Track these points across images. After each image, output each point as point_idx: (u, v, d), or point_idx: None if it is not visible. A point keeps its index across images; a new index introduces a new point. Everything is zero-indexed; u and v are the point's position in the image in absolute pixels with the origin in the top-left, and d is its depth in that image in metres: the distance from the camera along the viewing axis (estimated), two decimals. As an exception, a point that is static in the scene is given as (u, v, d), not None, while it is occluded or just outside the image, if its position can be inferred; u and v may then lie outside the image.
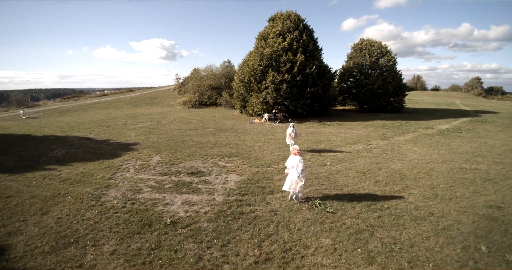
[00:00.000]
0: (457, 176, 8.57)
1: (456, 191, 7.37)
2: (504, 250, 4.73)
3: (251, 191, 7.26)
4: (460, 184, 7.85)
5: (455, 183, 7.98)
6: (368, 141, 13.68)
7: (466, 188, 7.54)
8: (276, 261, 4.44)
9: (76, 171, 8.89)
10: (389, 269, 4.26)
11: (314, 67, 20.40)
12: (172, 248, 4.74)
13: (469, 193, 7.23)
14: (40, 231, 5.30)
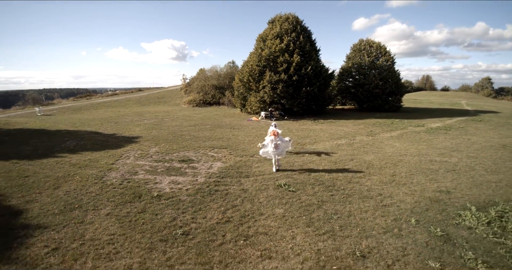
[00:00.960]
0: (423, 166, 9.40)
1: (414, 178, 8.24)
2: (432, 224, 5.60)
3: (229, 175, 8.42)
4: (422, 173, 8.70)
5: (417, 172, 8.84)
6: (353, 137, 14.57)
7: (425, 176, 8.39)
8: (234, 222, 5.58)
9: (84, 158, 10.29)
10: (322, 230, 5.31)
11: (310, 67, 21.36)
12: (154, 212, 5.96)
13: (426, 180, 8.09)
14: (52, 200, 6.63)
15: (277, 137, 8.68)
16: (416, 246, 4.78)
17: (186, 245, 4.76)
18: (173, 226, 5.39)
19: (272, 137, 8.65)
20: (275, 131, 8.80)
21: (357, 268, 4.21)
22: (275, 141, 8.55)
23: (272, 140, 8.59)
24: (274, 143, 8.53)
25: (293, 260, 4.40)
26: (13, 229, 5.30)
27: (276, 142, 8.56)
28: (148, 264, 4.25)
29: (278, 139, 8.65)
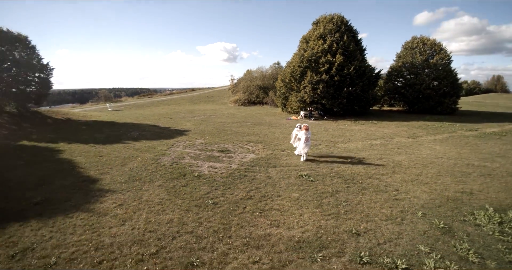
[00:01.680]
0: (456, 169, 9.21)
1: (440, 179, 8.26)
2: (438, 217, 5.92)
3: (259, 164, 9.58)
4: (451, 175, 8.62)
5: (446, 173, 8.77)
6: (391, 138, 14.40)
7: (453, 178, 8.33)
8: (254, 200, 6.72)
9: (144, 145, 12.58)
10: (328, 212, 6.10)
11: (353, 67, 21.24)
12: (193, 187, 7.45)
13: (453, 182, 8.06)
14: (119, 173, 8.66)
15: (308, 131, 9.74)
16: (413, 233, 5.26)
17: (214, 211, 6.07)
18: (206, 197, 6.78)
19: (304, 131, 9.76)
20: (306, 125, 9.89)
21: (349, 241, 4.96)
22: (306, 134, 9.64)
23: (305, 133, 9.72)
24: (306, 137, 9.64)
25: (296, 230, 5.34)
26: (91, 191, 7.32)
27: (307, 136, 9.65)
28: (185, 220, 5.67)
29: (308, 133, 9.74)
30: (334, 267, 4.26)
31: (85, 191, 7.26)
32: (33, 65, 18.26)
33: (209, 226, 5.45)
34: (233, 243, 4.88)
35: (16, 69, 17.56)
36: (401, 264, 4.24)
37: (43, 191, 7.26)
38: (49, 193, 7.15)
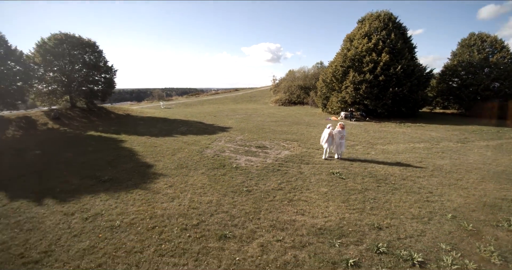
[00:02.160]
0: (502, 176, 8.53)
1: (482, 185, 7.82)
2: (468, 220, 5.76)
3: (292, 161, 10.11)
4: (495, 182, 8.07)
5: (490, 180, 8.22)
6: (437, 142, 13.61)
7: (497, 185, 7.82)
8: (284, 191, 7.31)
9: (191, 139, 14.02)
10: (353, 206, 6.40)
11: (400, 66, 20.26)
12: (231, 176, 8.34)
13: (495, 188, 7.58)
14: (170, 161, 9.99)
15: (343, 129, 10.02)
16: (437, 232, 5.32)
17: (247, 197, 6.84)
18: (241, 185, 7.59)
19: (339, 129, 10.09)
20: (342, 124, 10.19)
21: (369, 234, 5.26)
22: (342, 133, 9.94)
23: (340, 131, 10.00)
24: (341, 135, 9.94)
25: (319, 219, 5.80)
26: (147, 174, 8.68)
27: (343, 134, 9.96)
28: (221, 202, 6.54)
29: (343, 132, 10.08)
30: (350, 253, 4.65)
31: (142, 174, 8.67)
32: (100, 67, 21.42)
33: (241, 208, 6.23)
34: (261, 224, 5.57)
35: (86, 70, 20.82)
36: (417, 257, 4.45)
37: (109, 172, 8.88)
38: (114, 173, 8.73)
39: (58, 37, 19.22)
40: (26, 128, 15.86)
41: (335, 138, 10.26)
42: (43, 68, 18.98)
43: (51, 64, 19.09)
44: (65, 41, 19.33)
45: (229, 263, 4.35)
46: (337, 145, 10.29)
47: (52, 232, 5.33)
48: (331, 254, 4.61)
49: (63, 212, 6.11)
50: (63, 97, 20.98)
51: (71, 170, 9.10)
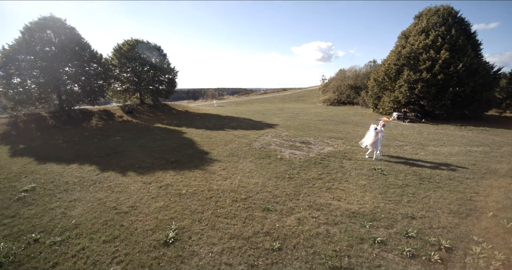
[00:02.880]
0: None
1: None
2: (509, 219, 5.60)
3: (335, 156, 10.58)
4: None
5: None
6: (499, 147, 12.46)
7: None
8: (323, 180, 7.94)
9: (240, 133, 15.38)
10: (390, 198, 6.73)
11: (461, 64, 18.63)
12: (276, 165, 9.28)
13: None
14: (223, 150, 11.38)
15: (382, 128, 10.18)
16: (473, 227, 5.43)
17: (288, 182, 7.70)
18: (284, 173, 8.47)
19: (382, 128, 10.19)
20: (384, 122, 10.29)
21: (402, 221, 5.64)
22: (383, 132, 10.10)
23: (382, 130, 10.14)
24: (381, 134, 10.07)
25: (354, 205, 6.35)
26: (204, 158, 10.15)
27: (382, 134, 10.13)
28: (266, 184, 7.53)
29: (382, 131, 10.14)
30: (379, 234, 5.16)
31: (200, 158, 10.19)
32: (164, 69, 24.42)
33: (283, 190, 7.12)
34: (299, 203, 6.39)
35: (153, 72, 23.97)
36: (444, 243, 4.76)
37: (175, 155, 10.62)
38: (179, 156, 10.43)
39: (130, 43, 22.68)
40: (106, 119, 19.25)
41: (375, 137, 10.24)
42: (118, 69, 22.61)
43: (125, 65, 22.65)
44: (136, 46, 22.68)
45: (270, 227, 5.30)
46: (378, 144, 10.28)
47: (135, 194, 6.99)
48: (360, 232, 5.20)
49: (142, 181, 7.83)
50: (134, 94, 24.58)
51: (145, 153, 11.14)
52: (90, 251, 4.66)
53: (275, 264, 4.29)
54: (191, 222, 5.54)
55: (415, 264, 4.29)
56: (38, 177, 8.26)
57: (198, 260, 4.40)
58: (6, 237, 5.03)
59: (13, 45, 15.46)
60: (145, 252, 4.60)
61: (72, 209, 6.20)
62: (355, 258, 4.41)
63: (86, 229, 5.35)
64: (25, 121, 16.12)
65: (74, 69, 17.98)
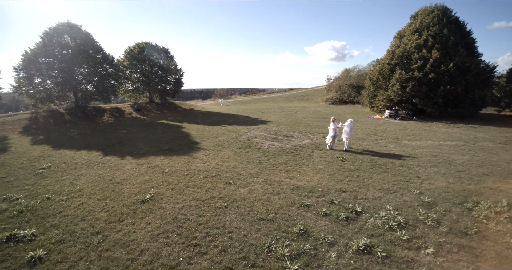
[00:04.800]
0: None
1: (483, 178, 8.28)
2: (432, 197, 6.68)
3: (309, 147, 11.82)
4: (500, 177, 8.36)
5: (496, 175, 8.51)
6: (474, 142, 13.23)
7: (499, 178, 8.18)
8: (287, 165, 9.26)
9: (233, 127, 16.87)
10: (335, 178, 7.97)
11: (452, 63, 19.21)
12: (252, 153, 10.68)
13: (494, 181, 8.01)
14: (211, 141, 12.89)
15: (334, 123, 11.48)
16: (393, 200, 6.60)
17: (256, 165, 9.09)
18: (256, 159, 9.87)
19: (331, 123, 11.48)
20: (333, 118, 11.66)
21: (334, 193, 6.88)
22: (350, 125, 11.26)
23: (348, 125, 11.27)
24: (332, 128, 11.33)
25: (301, 182, 7.64)
26: (193, 148, 11.70)
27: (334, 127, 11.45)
28: (236, 166, 8.97)
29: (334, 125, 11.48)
30: (309, 201, 6.44)
31: (190, 147, 11.77)
32: (171, 70, 26.35)
33: (248, 171, 8.53)
34: (257, 180, 7.78)
35: (160, 72, 25.95)
36: (356, 208, 5.99)
37: (169, 145, 12.25)
38: (172, 146, 12.05)
39: (140, 46, 24.78)
40: (117, 116, 21.32)
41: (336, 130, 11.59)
42: (129, 70, 24.76)
43: (135, 67, 24.75)
44: (145, 48, 24.73)
45: (225, 194, 6.75)
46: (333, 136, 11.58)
47: (128, 172, 8.63)
48: (294, 199, 6.53)
49: (136, 163, 9.49)
50: (144, 93, 26.69)
51: (144, 143, 12.86)
52: (87, 205, 6.29)
53: (217, 215, 5.72)
54: (166, 190, 7.07)
55: (324, 220, 5.57)
56: (53, 159, 10.13)
57: (162, 211, 5.91)
58: (27, 196, 6.78)
59: (34, 49, 17.80)
60: (126, 206, 6.17)
61: (78, 180, 7.91)
62: (280, 215, 5.76)
63: (86, 192, 7.01)
64: (44, 117, 18.42)
65: (88, 70, 20.17)
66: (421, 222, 5.51)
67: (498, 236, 5.06)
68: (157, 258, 4.37)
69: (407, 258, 4.36)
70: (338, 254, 4.43)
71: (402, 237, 4.91)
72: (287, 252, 4.46)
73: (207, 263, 4.24)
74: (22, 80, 17.71)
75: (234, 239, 4.87)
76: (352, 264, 4.19)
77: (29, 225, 5.44)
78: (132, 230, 5.19)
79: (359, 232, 5.09)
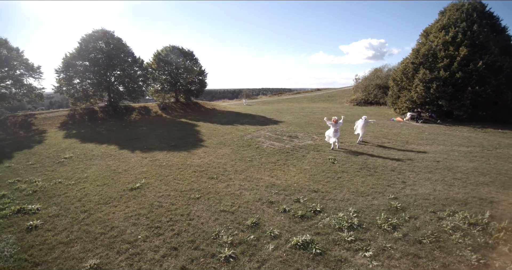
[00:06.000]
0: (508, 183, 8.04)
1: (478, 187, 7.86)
2: (404, 203, 6.67)
3: (306, 148, 12.01)
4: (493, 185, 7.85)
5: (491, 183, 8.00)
6: (493, 149, 12.19)
7: (491, 187, 7.71)
8: (276, 164, 9.65)
9: (244, 127, 17.56)
10: (314, 178, 8.18)
11: (481, 62, 17.64)
12: (248, 152, 11.24)
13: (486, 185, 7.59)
14: (216, 139, 13.71)
15: (335, 124, 11.52)
16: (361, 203, 6.68)
17: (245, 163, 9.65)
18: (249, 157, 10.41)
19: (332, 123, 11.59)
20: (335, 118, 11.59)
21: (303, 193, 7.16)
22: (335, 127, 11.46)
23: (332, 126, 11.55)
24: (334, 129, 11.46)
25: (279, 181, 8.01)
26: (197, 145, 12.62)
27: (335, 128, 11.51)
28: (227, 163, 9.62)
29: (336, 125, 11.54)
30: (277, 198, 6.81)
31: (194, 144, 12.74)
32: (195, 71, 27.90)
33: (235, 168, 9.12)
34: (238, 176, 8.34)
35: (186, 74, 27.63)
36: (317, 208, 6.22)
37: (177, 141, 13.35)
38: (179, 142, 13.13)
39: (168, 49, 26.71)
40: (143, 114, 23.34)
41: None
42: (157, 72, 26.82)
43: (163, 69, 26.74)
44: (172, 51, 26.56)
45: (203, 187, 7.45)
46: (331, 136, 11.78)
47: (132, 163, 9.78)
48: (264, 195, 6.97)
49: (141, 156, 10.67)
50: (170, 93, 28.68)
51: (157, 139, 14.16)
52: (87, 189, 7.46)
53: (187, 205, 6.43)
54: (155, 180, 8.00)
55: (280, 216, 5.93)
56: (76, 151, 11.79)
57: (143, 198, 6.80)
58: (44, 180, 8.21)
59: (72, 53, 20.42)
60: (117, 192, 7.20)
61: (88, 169, 9.25)
62: (242, 208, 6.27)
63: (90, 179, 8.24)
64: (80, 114, 20.98)
65: (120, 72, 22.43)
66: (376, 226, 5.55)
67: (455, 249, 4.84)
68: (121, 234, 5.22)
69: (340, 258, 4.54)
70: (275, 247, 4.82)
71: (346, 238, 5.07)
72: (231, 240, 4.97)
73: (159, 242, 4.95)
74: (62, 81, 20.45)
75: (191, 225, 5.52)
76: (283, 257, 4.56)
77: (38, 201, 6.72)
78: (112, 211, 6.13)
79: (307, 230, 5.39)
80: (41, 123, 18.28)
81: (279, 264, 4.38)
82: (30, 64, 19.61)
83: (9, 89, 19.27)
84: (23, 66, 19.22)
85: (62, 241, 5.11)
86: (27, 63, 19.39)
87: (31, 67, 19.62)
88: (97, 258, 4.60)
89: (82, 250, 4.84)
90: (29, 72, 19.65)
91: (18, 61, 18.85)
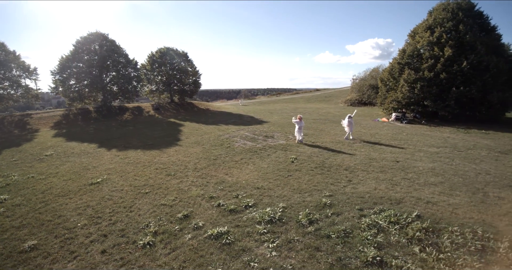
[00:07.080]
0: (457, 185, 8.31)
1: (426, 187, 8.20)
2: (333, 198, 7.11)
3: (276, 147, 12.45)
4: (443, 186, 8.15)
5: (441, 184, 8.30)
6: (465, 150, 12.34)
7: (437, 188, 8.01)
8: (237, 163, 10.16)
9: (225, 127, 18.13)
10: (265, 176, 8.66)
11: (465, 62, 17.64)
12: (217, 151, 11.80)
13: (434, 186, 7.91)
14: (194, 138, 14.33)
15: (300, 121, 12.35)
16: (293, 199, 7.14)
17: (208, 161, 10.22)
18: (215, 156, 10.97)
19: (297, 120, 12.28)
20: (300, 116, 12.29)
21: (246, 189, 7.67)
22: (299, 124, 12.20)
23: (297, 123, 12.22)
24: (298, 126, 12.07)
25: (231, 178, 8.55)
26: (172, 144, 13.26)
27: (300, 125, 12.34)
28: (190, 161, 10.20)
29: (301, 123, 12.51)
30: (218, 193, 7.34)
31: (170, 143, 13.41)
32: (189, 72, 28.66)
33: (196, 166, 9.71)
34: (195, 174, 8.92)
35: (180, 74, 28.45)
36: (250, 203, 6.73)
37: (155, 140, 14.06)
38: (156, 142, 13.84)
39: (162, 50, 27.59)
40: (136, 114, 24.26)
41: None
42: (151, 73, 27.74)
43: (157, 70, 27.63)
44: (167, 53, 27.40)
45: (157, 183, 8.08)
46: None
47: (103, 161, 10.50)
48: (208, 191, 7.52)
49: (115, 154, 11.41)
50: (164, 94, 29.58)
51: (137, 138, 14.91)
52: (53, 183, 8.22)
53: (134, 199, 7.06)
54: (116, 176, 8.69)
55: (213, 210, 6.44)
56: (58, 149, 12.64)
57: (98, 192, 7.49)
58: (20, 174, 9.02)
59: (68, 55, 21.48)
60: (77, 186, 7.92)
61: (62, 165, 10.03)
62: (182, 202, 6.85)
63: (60, 174, 9.01)
64: (75, 114, 22.07)
65: (114, 73, 23.42)
66: (294, 220, 5.97)
67: (360, 245, 4.97)
68: (65, 222, 5.90)
69: (244, 248, 4.92)
70: (193, 236, 5.37)
71: (260, 230, 5.49)
72: (156, 230, 5.56)
73: (93, 229, 5.59)
74: (58, 82, 21.58)
75: (128, 216, 6.14)
76: (194, 245, 5.07)
77: (7, 193, 7.50)
78: (66, 203, 6.83)
79: (230, 222, 5.88)
80: (35, 123, 19.42)
81: (188, 251, 4.92)
82: (27, 66, 20.84)
83: (7, 90, 20.54)
84: (20, 68, 20.45)
85: (15, 226, 5.84)
86: (24, 65, 20.62)
87: (28, 69, 20.84)
88: (37, 240, 5.29)
89: (28, 234, 5.54)
90: (25, 73, 20.88)
91: (15, 63, 20.08)
